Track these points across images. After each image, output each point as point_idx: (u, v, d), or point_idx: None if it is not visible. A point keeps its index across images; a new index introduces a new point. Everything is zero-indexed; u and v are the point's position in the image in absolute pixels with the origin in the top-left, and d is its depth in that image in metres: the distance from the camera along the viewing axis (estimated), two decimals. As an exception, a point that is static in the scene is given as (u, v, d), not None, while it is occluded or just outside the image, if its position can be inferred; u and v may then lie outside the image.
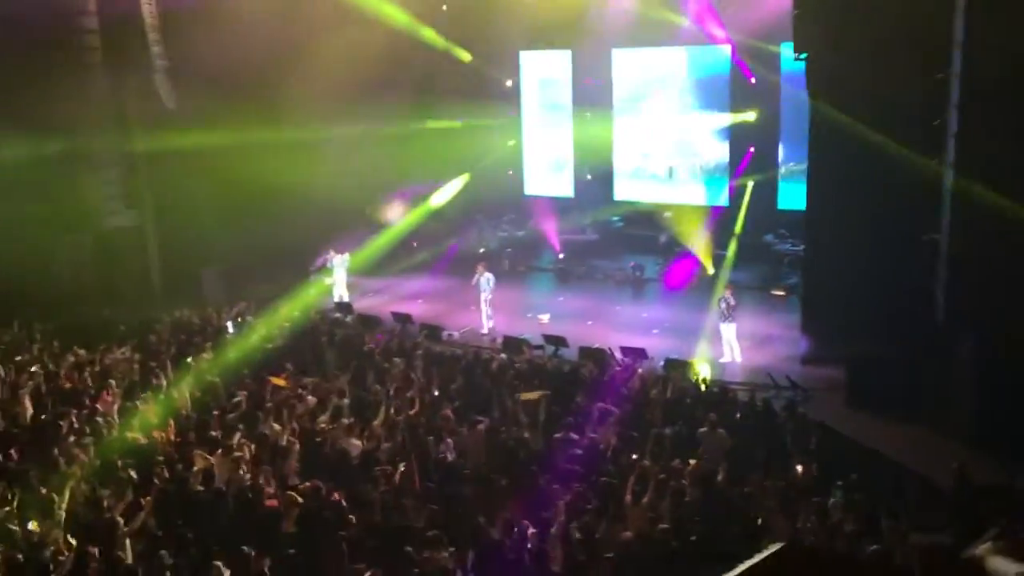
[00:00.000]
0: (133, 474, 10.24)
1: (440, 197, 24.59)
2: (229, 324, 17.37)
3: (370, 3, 21.79)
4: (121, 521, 9.12)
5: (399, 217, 23.93)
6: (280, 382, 13.93)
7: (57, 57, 18.60)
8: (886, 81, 13.84)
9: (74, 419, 12.11)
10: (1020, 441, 11.72)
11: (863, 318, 14.66)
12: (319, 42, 20.84)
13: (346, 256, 20.98)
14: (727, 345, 16.42)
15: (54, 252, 19.84)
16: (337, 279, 20.86)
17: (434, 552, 8.64)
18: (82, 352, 15.26)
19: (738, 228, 21.84)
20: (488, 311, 18.65)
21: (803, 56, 15.24)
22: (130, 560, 8.71)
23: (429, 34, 23.07)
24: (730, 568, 3.91)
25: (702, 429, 11.86)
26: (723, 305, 16.42)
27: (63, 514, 9.29)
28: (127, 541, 8.84)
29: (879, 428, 13.42)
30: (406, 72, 23.20)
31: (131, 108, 20.27)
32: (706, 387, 14.12)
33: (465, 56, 24.00)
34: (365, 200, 23.02)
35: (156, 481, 10.24)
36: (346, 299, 20.51)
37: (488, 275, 18.69)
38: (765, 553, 3.99)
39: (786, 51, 19.28)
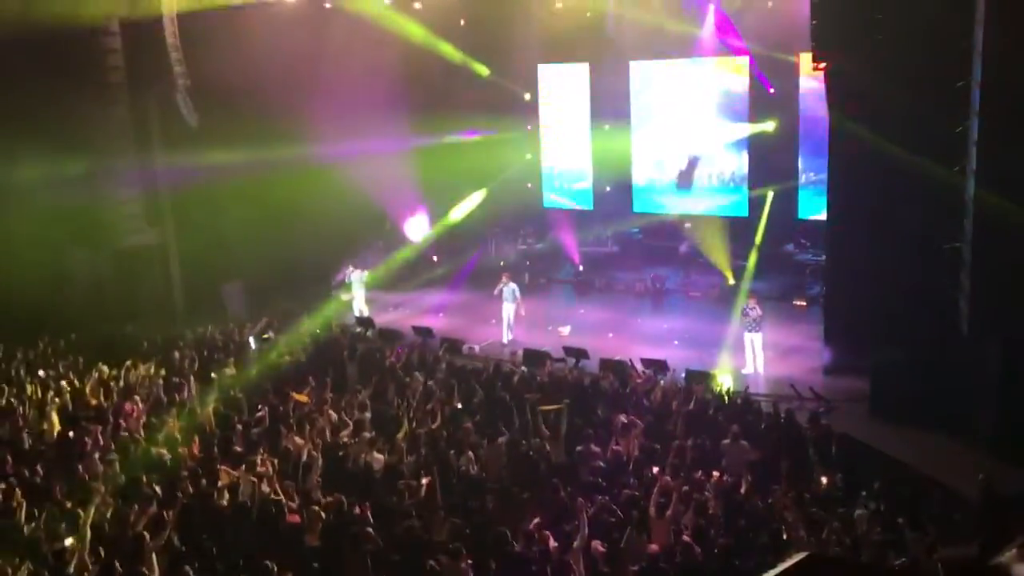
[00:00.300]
0: (158, 489, 10.30)
1: (459, 212, 24.67)
2: (252, 340, 17.48)
3: (388, 20, 22.01)
4: (147, 536, 9.18)
5: (420, 231, 24.04)
6: (302, 398, 14.00)
7: (80, 75, 18.83)
8: (906, 90, 13.78)
9: (99, 435, 12.21)
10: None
11: (886, 328, 14.56)
12: (338, 59, 21.05)
13: (364, 272, 21.07)
14: (750, 355, 16.35)
15: (76, 270, 20.06)
16: (356, 295, 20.94)
17: (456, 565, 8.65)
18: (105, 369, 15.38)
19: (758, 238, 21.76)
20: (510, 322, 18.68)
21: (822, 66, 15.20)
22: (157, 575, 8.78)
23: (447, 49, 23.20)
24: (754, 580, 3.90)
25: (725, 441, 11.82)
26: (749, 315, 16.35)
27: (87, 530, 9.36)
28: (153, 556, 8.89)
29: (903, 438, 13.30)
30: (424, 87, 23.34)
31: (153, 126, 20.51)
32: (728, 398, 14.06)
33: (483, 71, 24.11)
34: (384, 215, 23.15)
35: (180, 496, 10.31)
36: (366, 314, 20.58)
37: (512, 285, 18.71)
38: (789, 563, 3.98)
39: (805, 61, 19.25)
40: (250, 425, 12.93)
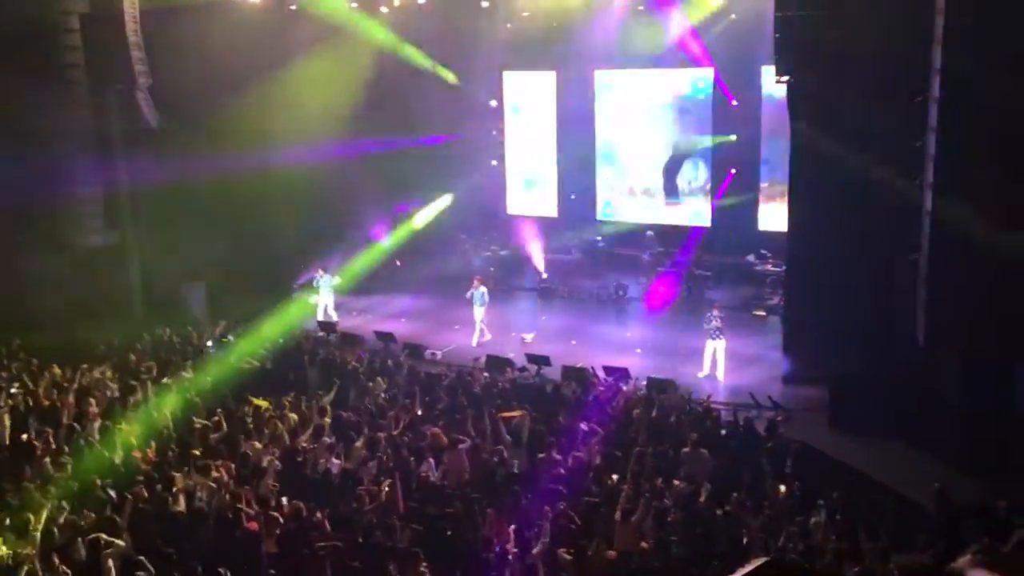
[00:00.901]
0: (112, 493, 10.12)
1: (423, 217, 24.60)
2: (210, 343, 17.26)
3: (354, 23, 21.91)
4: (101, 541, 9.01)
5: (385, 235, 23.92)
6: (263, 403, 13.86)
7: (38, 72, 18.51)
8: (866, 104, 14.02)
9: (51, 438, 11.98)
10: (1000, 461, 11.81)
11: (845, 338, 14.74)
12: (302, 60, 20.93)
13: (334, 276, 20.91)
14: (708, 360, 16.47)
15: (34, 271, 19.68)
16: (324, 298, 20.77)
17: (415, 570, 8.60)
18: (59, 371, 15.10)
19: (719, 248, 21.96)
20: (482, 326, 18.81)
21: (784, 79, 15.38)
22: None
23: (413, 53, 23.14)
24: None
25: (684, 449, 11.88)
26: (712, 322, 16.48)
27: (38, 535, 9.17)
28: (109, 563, 8.73)
29: (861, 448, 13.46)
30: (389, 90, 23.25)
31: (113, 126, 20.21)
32: (689, 407, 14.13)
33: (451, 77, 24.09)
34: (346, 218, 23.00)
35: (136, 501, 10.14)
36: (334, 318, 20.44)
37: (483, 289, 18.85)
38: (746, 569, 4.00)
39: (767, 74, 19.47)
40: (208, 430, 12.77)
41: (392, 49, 22.53)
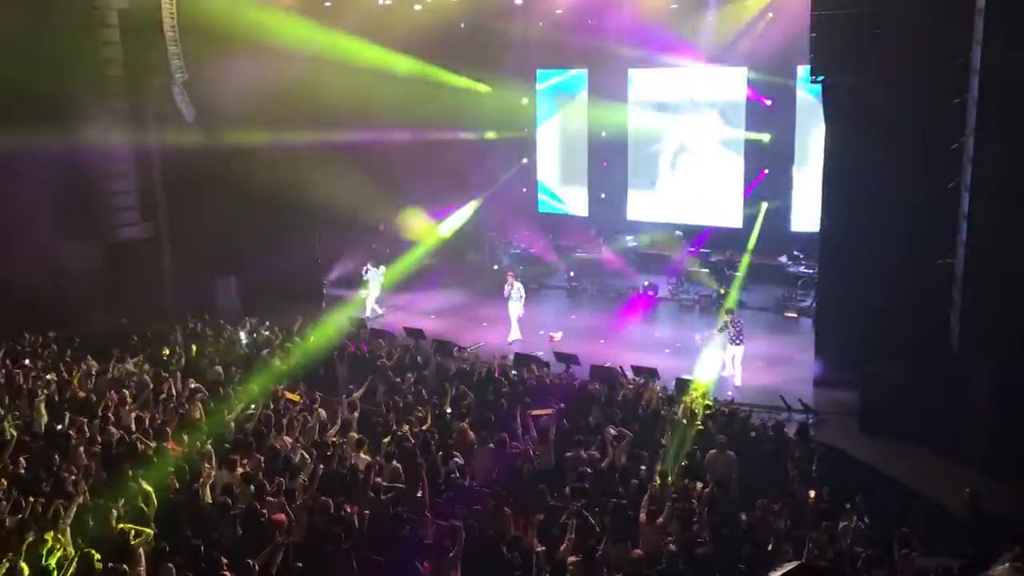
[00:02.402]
0: (145, 485, 10.24)
1: (455, 220, 24.72)
2: (243, 336, 17.40)
3: (386, 20, 22.03)
4: (131, 533, 9.13)
5: (420, 231, 24.01)
6: (294, 397, 13.97)
7: (77, 68, 18.78)
8: (902, 105, 13.86)
9: (86, 428, 12.15)
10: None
11: (877, 342, 14.59)
12: (346, 55, 21.02)
13: (382, 269, 21.05)
14: (728, 361, 16.40)
15: (68, 262, 19.97)
16: (372, 292, 20.92)
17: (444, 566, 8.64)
18: (94, 363, 15.31)
19: (751, 247, 21.78)
20: (519, 320, 19.00)
21: (820, 79, 15.24)
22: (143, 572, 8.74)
23: (443, 74, 23.32)
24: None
25: (711, 451, 11.81)
26: (730, 330, 16.36)
27: (67, 526, 9.29)
28: (140, 552, 8.85)
29: (892, 452, 13.33)
30: (424, 85, 23.39)
31: (149, 120, 20.46)
32: (716, 408, 14.05)
33: (482, 87, 24.19)
34: (380, 214, 23.12)
35: (167, 492, 10.26)
36: (379, 312, 20.59)
37: (518, 284, 19.05)
38: (779, 573, 3.98)
39: (802, 74, 19.30)
40: (240, 423, 12.89)
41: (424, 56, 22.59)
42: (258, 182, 19.64)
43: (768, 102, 22.23)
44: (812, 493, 11.00)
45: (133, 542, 8.94)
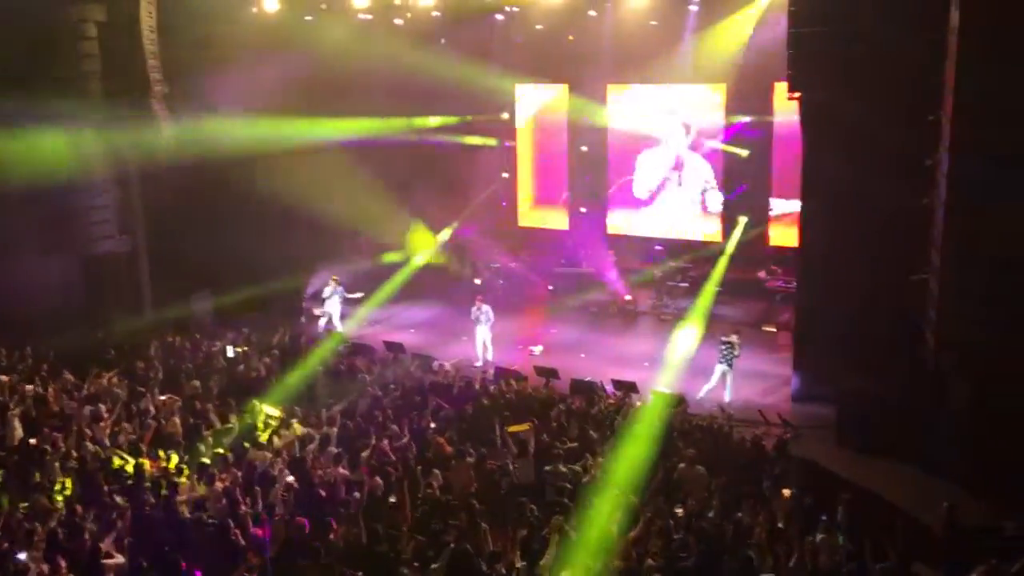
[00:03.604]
0: (119, 500, 10.15)
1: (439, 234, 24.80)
2: (229, 349, 17.29)
3: (368, 33, 22.11)
4: (102, 548, 9.05)
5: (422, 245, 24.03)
6: (275, 410, 13.90)
7: (55, 80, 18.66)
8: (878, 122, 14.01)
9: (61, 443, 12.03)
10: (1009, 483, 11.72)
11: (854, 357, 14.68)
12: (324, 70, 21.03)
13: (340, 288, 20.94)
14: (716, 379, 16.40)
15: (44, 275, 19.77)
16: (332, 308, 20.79)
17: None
18: (70, 377, 15.17)
19: (724, 260, 21.89)
20: (486, 344, 18.71)
21: (797, 95, 15.39)
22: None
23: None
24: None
25: (681, 465, 11.85)
26: (727, 349, 16.28)
27: (42, 541, 9.20)
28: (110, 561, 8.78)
29: (868, 467, 13.40)
30: (405, 102, 23.45)
31: (128, 133, 20.32)
32: (693, 423, 14.10)
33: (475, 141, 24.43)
34: (360, 226, 23.14)
35: (142, 508, 10.18)
36: (339, 329, 20.43)
37: (486, 307, 18.73)
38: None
39: (780, 90, 19.48)
40: (217, 436, 12.80)
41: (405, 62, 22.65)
42: (238, 195, 19.59)
43: (747, 118, 22.43)
44: (786, 493, 11.05)
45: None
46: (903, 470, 13.30)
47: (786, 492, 11.10)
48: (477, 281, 24.11)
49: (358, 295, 20.86)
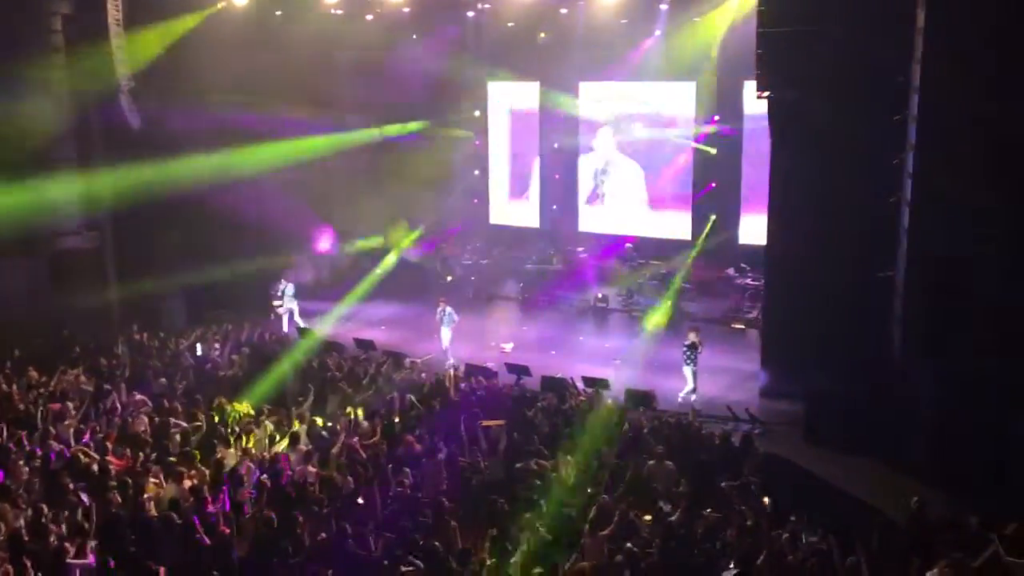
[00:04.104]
0: (84, 498, 10.03)
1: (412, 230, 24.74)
2: (199, 347, 17.14)
3: (337, 28, 21.99)
4: (69, 548, 8.95)
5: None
6: (242, 409, 13.80)
7: (20, 73, 18.39)
8: (845, 121, 14.15)
9: (25, 441, 11.88)
10: (972, 478, 11.89)
11: (821, 353, 14.82)
12: (288, 65, 20.92)
13: (292, 286, 20.82)
14: (689, 378, 16.46)
15: (8, 271, 19.49)
16: (287, 305, 20.71)
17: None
18: (35, 374, 14.98)
19: (691, 257, 22.01)
20: (448, 346, 18.61)
21: (766, 95, 15.50)
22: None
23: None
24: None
25: (651, 462, 11.91)
26: (689, 350, 16.19)
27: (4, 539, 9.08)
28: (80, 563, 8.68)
29: (835, 462, 13.51)
30: (377, 97, 23.36)
31: (94, 128, 20.09)
32: (663, 419, 14.17)
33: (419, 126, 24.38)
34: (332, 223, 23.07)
35: (109, 507, 10.07)
36: (300, 325, 20.31)
37: (449, 309, 18.64)
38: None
39: (749, 89, 19.62)
40: (185, 435, 12.70)
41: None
42: (205, 192, 19.42)
43: (716, 117, 22.57)
44: (758, 502, 11.13)
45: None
46: (868, 465, 13.43)
47: (766, 500, 11.16)
48: (448, 278, 24.11)
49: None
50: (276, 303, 20.84)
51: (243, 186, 20.19)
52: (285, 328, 20.29)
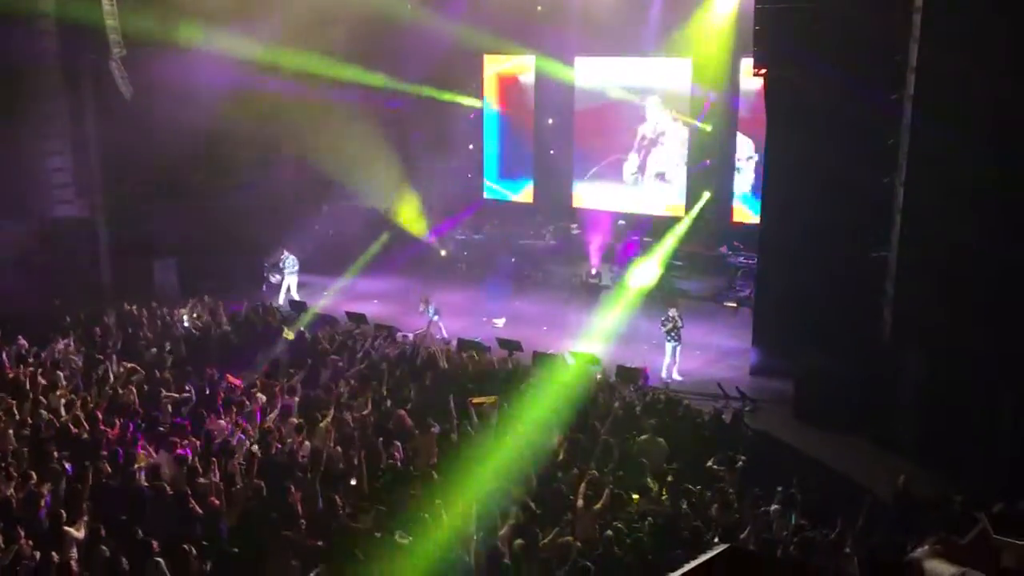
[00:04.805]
0: (67, 467, 10.03)
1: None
2: (185, 319, 17.11)
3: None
4: (63, 514, 8.98)
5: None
6: (235, 381, 13.80)
7: (11, 41, 18.21)
8: (842, 99, 14.10)
9: (15, 411, 11.86)
10: (960, 456, 11.98)
11: (812, 332, 14.86)
12: (291, 33, 20.71)
13: (293, 257, 20.76)
14: (668, 358, 16.48)
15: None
16: (287, 279, 20.65)
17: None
18: (25, 343, 14.94)
19: (682, 233, 21.96)
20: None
21: (762, 71, 15.43)
22: (75, 557, 8.59)
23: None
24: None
25: (641, 437, 11.95)
26: (669, 325, 16.27)
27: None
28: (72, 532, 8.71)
29: (824, 441, 13.61)
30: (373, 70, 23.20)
31: (86, 96, 19.93)
32: (654, 395, 14.21)
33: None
34: (318, 198, 22.92)
35: (99, 476, 10.08)
36: (296, 299, 20.23)
37: (433, 306, 18.22)
38: (709, 555, 4.05)
39: (746, 65, 19.55)
40: (175, 406, 12.70)
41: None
42: (199, 160, 19.31)
43: (711, 93, 22.47)
44: (735, 465, 11.23)
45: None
46: (858, 443, 13.53)
47: (737, 462, 11.25)
48: (443, 253, 24.08)
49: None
50: (274, 275, 20.74)
51: (240, 154, 20.02)
52: (281, 300, 20.23)
